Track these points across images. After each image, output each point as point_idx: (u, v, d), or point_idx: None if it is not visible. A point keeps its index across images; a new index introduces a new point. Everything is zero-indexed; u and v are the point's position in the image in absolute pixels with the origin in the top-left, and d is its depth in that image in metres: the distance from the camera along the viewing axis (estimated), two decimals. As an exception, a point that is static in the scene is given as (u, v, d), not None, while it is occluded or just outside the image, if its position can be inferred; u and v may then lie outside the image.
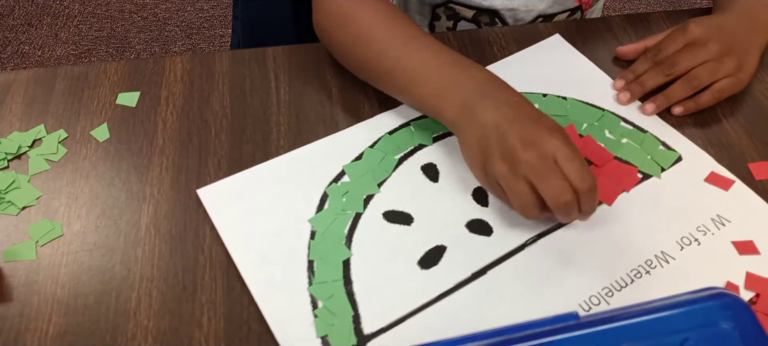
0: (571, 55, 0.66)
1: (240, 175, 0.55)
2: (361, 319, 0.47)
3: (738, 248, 0.51)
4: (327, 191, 0.54)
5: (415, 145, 0.58)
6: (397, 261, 0.50)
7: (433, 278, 0.49)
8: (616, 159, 0.57)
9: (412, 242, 0.51)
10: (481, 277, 0.49)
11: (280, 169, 0.56)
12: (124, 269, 0.50)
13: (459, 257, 0.50)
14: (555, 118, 0.59)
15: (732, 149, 0.58)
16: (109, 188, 0.55)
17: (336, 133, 0.59)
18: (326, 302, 0.48)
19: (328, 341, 0.46)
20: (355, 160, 0.56)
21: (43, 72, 0.64)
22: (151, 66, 0.64)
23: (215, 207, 0.53)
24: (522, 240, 0.51)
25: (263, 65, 0.64)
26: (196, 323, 0.47)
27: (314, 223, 0.52)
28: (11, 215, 0.53)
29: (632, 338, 0.43)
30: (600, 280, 0.49)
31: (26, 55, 1.67)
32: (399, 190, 0.54)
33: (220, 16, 1.80)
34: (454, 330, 0.46)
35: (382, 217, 0.53)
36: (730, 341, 0.42)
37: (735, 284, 0.48)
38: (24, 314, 0.48)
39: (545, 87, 0.62)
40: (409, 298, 0.48)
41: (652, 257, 0.50)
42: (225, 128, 0.59)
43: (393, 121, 0.59)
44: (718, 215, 0.53)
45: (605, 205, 0.54)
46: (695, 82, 0.59)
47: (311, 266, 0.50)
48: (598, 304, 0.47)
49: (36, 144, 0.58)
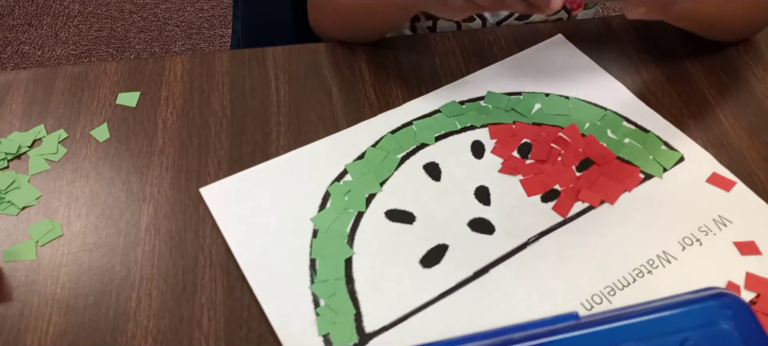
0: (574, 55, 0.66)
1: (242, 174, 0.55)
2: (362, 317, 0.47)
3: (740, 249, 0.51)
4: (329, 189, 0.54)
5: (417, 145, 0.58)
6: (398, 260, 0.50)
7: (435, 277, 0.49)
8: (618, 159, 0.57)
9: (414, 240, 0.51)
10: (483, 276, 0.49)
11: (283, 169, 0.56)
12: (124, 269, 0.50)
13: (461, 256, 0.50)
14: (557, 118, 0.60)
15: (732, 149, 0.58)
16: (109, 187, 0.55)
17: (338, 132, 0.59)
18: (328, 300, 0.48)
19: (329, 340, 0.46)
20: (357, 160, 0.56)
21: (43, 72, 0.64)
22: (151, 66, 0.64)
23: (217, 206, 0.53)
24: (524, 239, 0.51)
25: (263, 65, 0.64)
26: (196, 323, 0.47)
27: (316, 221, 0.52)
28: (11, 215, 0.53)
29: (632, 338, 0.43)
30: (602, 279, 0.49)
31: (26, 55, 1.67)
32: (401, 189, 0.54)
33: (220, 16, 1.80)
34: (456, 329, 0.46)
35: (384, 216, 0.53)
36: (730, 341, 0.42)
37: (736, 284, 0.48)
38: (24, 314, 0.48)
39: (548, 86, 0.62)
40: (410, 297, 0.48)
41: (654, 256, 0.50)
42: (225, 128, 0.59)
43: (395, 121, 0.59)
44: (720, 216, 0.53)
45: (608, 204, 0.54)
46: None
47: (313, 265, 0.50)
48: (601, 303, 0.47)
49: (36, 144, 0.58)
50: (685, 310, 0.44)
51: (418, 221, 0.52)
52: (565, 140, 0.58)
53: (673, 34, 0.68)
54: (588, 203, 0.53)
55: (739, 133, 0.59)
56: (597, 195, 0.54)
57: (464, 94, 0.62)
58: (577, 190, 0.54)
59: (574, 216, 0.53)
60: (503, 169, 0.56)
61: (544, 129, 0.59)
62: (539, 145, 0.57)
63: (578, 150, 0.57)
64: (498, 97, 0.61)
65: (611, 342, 0.42)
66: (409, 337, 0.46)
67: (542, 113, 0.60)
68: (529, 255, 0.50)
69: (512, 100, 0.61)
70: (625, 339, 0.42)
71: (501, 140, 0.58)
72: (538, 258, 0.50)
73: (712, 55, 0.67)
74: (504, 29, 0.69)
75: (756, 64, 0.66)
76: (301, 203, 0.53)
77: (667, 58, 0.66)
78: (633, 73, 0.64)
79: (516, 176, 0.55)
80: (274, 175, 0.55)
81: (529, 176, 0.55)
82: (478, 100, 0.61)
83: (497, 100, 0.61)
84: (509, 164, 0.56)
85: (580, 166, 0.56)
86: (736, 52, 0.67)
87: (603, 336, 0.43)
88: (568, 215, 0.53)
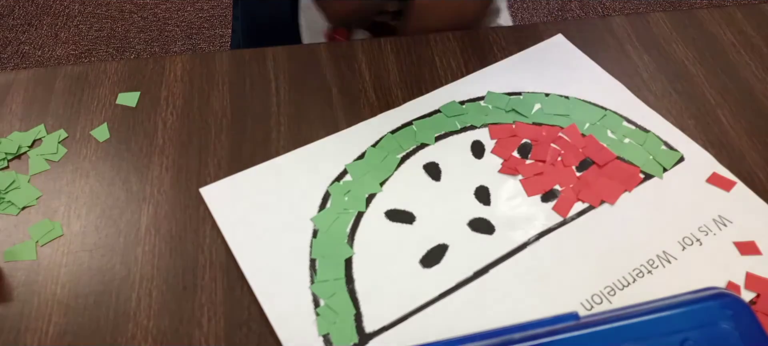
0: (574, 55, 0.66)
1: (242, 174, 0.55)
2: (362, 317, 0.47)
3: (740, 249, 0.51)
4: (329, 189, 0.54)
5: (417, 145, 0.58)
6: (398, 260, 0.50)
7: (435, 277, 0.49)
8: (618, 159, 0.57)
9: (414, 240, 0.51)
10: (483, 276, 0.49)
11: (283, 169, 0.56)
12: (124, 269, 0.50)
13: (461, 256, 0.50)
14: (557, 118, 0.60)
15: (732, 150, 0.58)
16: (109, 187, 0.55)
17: (338, 132, 0.59)
18: (328, 300, 0.48)
19: (329, 340, 0.46)
20: (357, 160, 0.56)
21: (43, 72, 0.64)
22: (151, 66, 0.64)
23: (217, 206, 0.53)
24: (524, 239, 0.51)
25: (263, 65, 0.64)
26: (196, 323, 0.47)
27: (317, 221, 0.52)
28: (11, 215, 0.53)
29: (632, 338, 0.43)
30: (602, 279, 0.49)
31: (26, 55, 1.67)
32: (401, 189, 0.54)
33: (220, 16, 1.80)
34: (456, 329, 0.46)
35: (384, 216, 0.53)
36: (730, 341, 0.42)
37: (736, 284, 0.48)
38: (24, 314, 0.48)
39: (548, 86, 0.62)
40: (410, 297, 0.48)
41: (654, 256, 0.50)
42: (225, 128, 0.59)
43: (395, 121, 0.59)
44: (720, 216, 0.53)
45: (607, 204, 0.54)
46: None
47: (313, 265, 0.50)
48: (601, 303, 0.47)
49: (36, 144, 0.58)
50: (685, 310, 0.44)
51: (418, 221, 0.52)
52: (565, 140, 0.58)
53: (673, 34, 0.68)
54: (588, 203, 0.53)
55: (739, 133, 0.59)
56: (597, 195, 0.54)
57: (464, 94, 0.62)
58: (577, 190, 0.54)
59: (574, 216, 0.53)
60: (503, 169, 0.56)
61: (544, 129, 0.59)
62: (539, 146, 0.57)
63: (578, 150, 0.57)
64: (498, 97, 0.61)
65: (611, 342, 0.42)
66: (408, 337, 0.46)
67: (542, 113, 0.60)
68: (528, 255, 0.50)
69: (512, 100, 0.61)
70: (625, 339, 0.42)
71: (501, 140, 0.58)
72: (538, 258, 0.50)
73: (712, 55, 0.67)
74: (504, 29, 0.69)
75: (756, 64, 0.66)
76: (301, 202, 0.53)
77: (667, 58, 0.66)
78: (633, 73, 0.64)
79: (516, 176, 0.55)
80: (274, 175, 0.55)
81: (529, 176, 0.55)
82: (478, 100, 0.61)
83: (497, 100, 0.61)
84: (509, 164, 0.56)
85: (580, 167, 0.56)
86: (736, 52, 0.67)
87: (603, 336, 0.43)
88: (568, 215, 0.53)
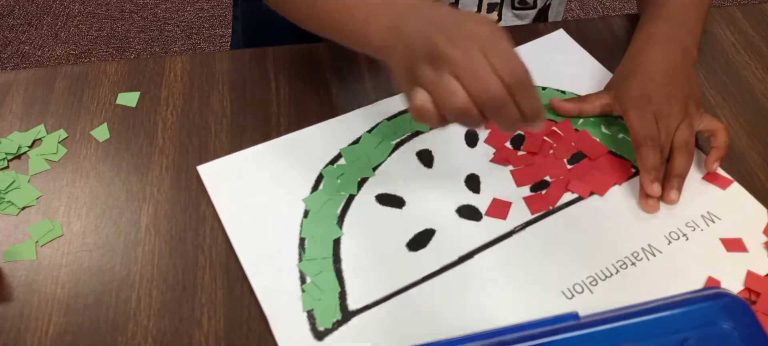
0: (574, 50, 0.66)
1: (239, 153, 0.56)
2: (347, 295, 0.48)
3: (726, 245, 0.51)
4: (323, 172, 0.55)
5: (412, 132, 0.58)
6: (386, 242, 0.51)
7: (420, 260, 0.50)
8: (610, 153, 0.57)
9: (402, 224, 0.52)
10: (467, 260, 0.50)
11: (279, 149, 0.57)
12: (124, 269, 0.50)
13: (447, 241, 0.51)
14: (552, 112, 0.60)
15: (731, 149, 0.58)
16: (109, 187, 0.55)
17: (335, 117, 0.59)
18: (314, 278, 0.48)
19: (313, 315, 0.47)
20: (352, 144, 0.57)
21: (43, 72, 0.64)
22: (151, 66, 0.64)
23: (213, 183, 0.54)
24: (511, 227, 0.52)
25: (263, 65, 0.64)
26: (196, 323, 0.47)
27: (308, 202, 0.53)
28: (11, 215, 0.53)
29: (632, 338, 0.43)
30: (585, 269, 0.49)
31: (26, 55, 1.67)
32: (393, 174, 0.55)
33: (220, 16, 1.80)
34: (438, 311, 0.47)
35: (375, 199, 0.53)
36: (730, 341, 0.42)
37: (717, 279, 0.49)
38: (24, 314, 0.48)
39: (544, 80, 0.63)
40: (395, 278, 0.49)
41: (639, 249, 0.51)
42: (225, 128, 0.59)
43: (392, 108, 0.60)
44: (709, 212, 0.53)
45: (596, 196, 0.54)
46: (688, 147, 0.55)
47: (302, 243, 0.50)
48: (582, 292, 0.48)
49: (36, 144, 0.58)
50: (684, 310, 0.44)
51: (407, 206, 0.53)
52: (558, 134, 0.58)
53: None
54: (577, 194, 0.54)
55: (739, 134, 0.59)
56: (586, 186, 0.54)
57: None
58: (567, 181, 0.55)
59: (561, 206, 0.53)
60: (495, 159, 0.56)
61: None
62: (532, 138, 0.58)
63: (571, 144, 0.57)
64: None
65: (611, 342, 0.42)
66: (391, 316, 0.47)
67: None
68: (514, 243, 0.51)
69: None
70: (625, 339, 0.42)
71: (495, 130, 0.58)
72: (523, 246, 0.51)
73: (712, 55, 0.67)
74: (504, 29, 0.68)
75: (756, 64, 0.66)
76: (294, 183, 0.54)
77: (666, 58, 0.66)
78: (633, 73, 0.64)
79: (507, 166, 0.56)
80: (270, 155, 0.56)
81: (519, 167, 0.56)
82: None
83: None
84: (501, 155, 0.57)
85: (571, 160, 0.56)
86: (736, 52, 0.67)
87: (603, 336, 0.43)
88: (557, 204, 0.53)
